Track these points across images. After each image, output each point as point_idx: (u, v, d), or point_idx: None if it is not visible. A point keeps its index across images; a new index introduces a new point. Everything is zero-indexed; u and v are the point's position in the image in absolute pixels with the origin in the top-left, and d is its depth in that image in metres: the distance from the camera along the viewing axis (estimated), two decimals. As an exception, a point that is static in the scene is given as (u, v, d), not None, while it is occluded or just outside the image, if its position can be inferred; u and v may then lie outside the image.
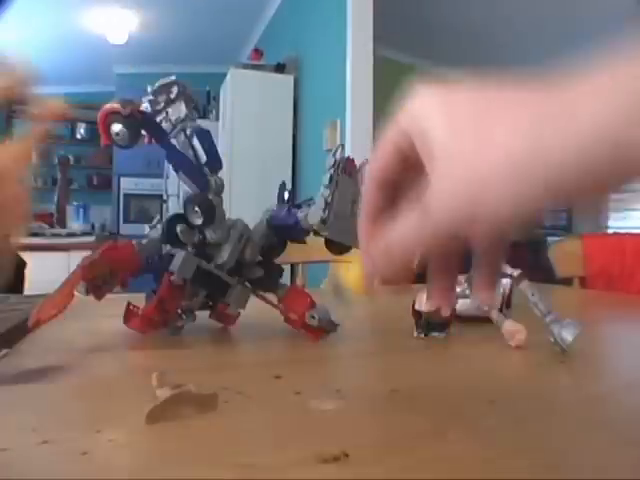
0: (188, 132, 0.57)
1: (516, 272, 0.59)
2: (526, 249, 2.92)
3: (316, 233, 0.55)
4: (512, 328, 0.57)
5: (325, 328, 0.57)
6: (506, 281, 0.80)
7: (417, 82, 0.26)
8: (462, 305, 0.71)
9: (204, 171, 0.57)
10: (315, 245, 0.67)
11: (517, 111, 0.22)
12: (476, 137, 0.23)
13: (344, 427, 0.33)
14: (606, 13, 3.65)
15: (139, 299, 0.59)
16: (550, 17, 3.79)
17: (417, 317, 0.61)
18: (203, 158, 0.57)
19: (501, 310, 0.63)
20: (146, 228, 0.59)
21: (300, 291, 0.61)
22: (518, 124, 0.22)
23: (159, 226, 0.57)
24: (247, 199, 2.98)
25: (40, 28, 4.40)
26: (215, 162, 0.57)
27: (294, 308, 0.59)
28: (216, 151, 0.58)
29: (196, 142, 0.57)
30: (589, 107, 0.20)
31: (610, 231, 5.44)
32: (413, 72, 4.90)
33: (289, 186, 0.64)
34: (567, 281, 1.49)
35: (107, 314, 0.61)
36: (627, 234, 3.61)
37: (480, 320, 0.69)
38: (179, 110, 0.58)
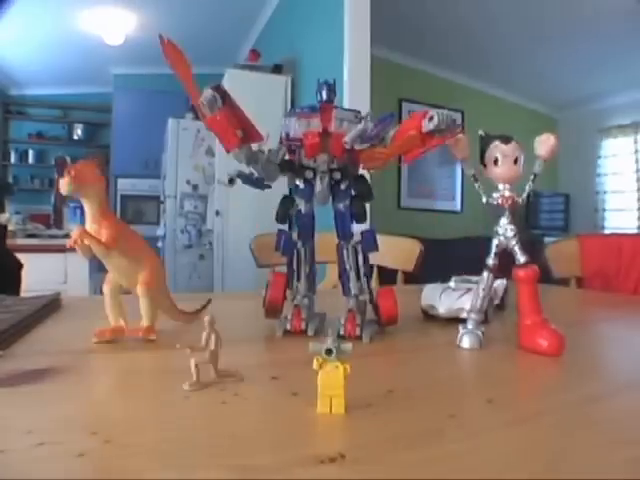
0: None
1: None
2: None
3: None
4: None
5: None
6: (500, 282, 0.80)
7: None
8: (446, 307, 0.71)
9: None
10: (316, 246, 0.67)
11: None
12: None
13: (340, 428, 0.33)
14: (606, 11, 3.66)
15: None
16: (550, 16, 3.80)
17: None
18: None
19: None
20: None
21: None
22: None
23: None
24: (244, 198, 2.98)
25: (37, 28, 4.38)
26: None
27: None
28: None
29: None
30: None
31: (607, 231, 5.44)
32: (406, 72, 4.90)
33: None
34: (564, 281, 1.49)
35: (102, 315, 0.61)
36: (623, 234, 3.62)
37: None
38: None
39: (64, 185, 0.53)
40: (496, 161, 0.57)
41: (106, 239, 0.54)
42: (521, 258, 0.58)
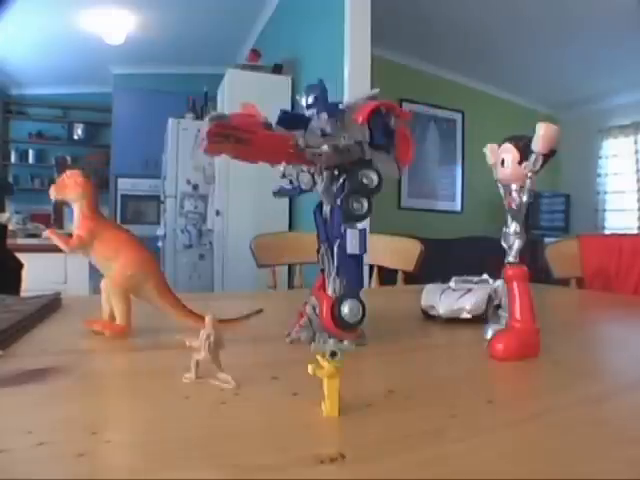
0: None
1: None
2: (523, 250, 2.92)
3: None
4: None
5: None
6: (500, 282, 0.79)
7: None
8: (446, 307, 0.71)
9: None
10: (313, 245, 0.67)
11: None
12: None
13: (340, 428, 0.33)
14: (607, 12, 3.66)
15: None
16: (550, 16, 3.80)
17: None
18: None
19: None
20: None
21: None
22: None
23: None
24: (244, 199, 2.98)
25: (37, 28, 4.38)
26: None
27: None
28: None
29: None
30: None
31: (607, 232, 5.44)
32: (406, 72, 4.90)
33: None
34: (564, 282, 1.49)
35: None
36: (623, 234, 3.62)
37: (466, 321, 0.69)
38: None
39: (50, 193, 0.62)
40: (503, 162, 0.57)
41: (71, 240, 0.60)
42: (510, 257, 0.57)
